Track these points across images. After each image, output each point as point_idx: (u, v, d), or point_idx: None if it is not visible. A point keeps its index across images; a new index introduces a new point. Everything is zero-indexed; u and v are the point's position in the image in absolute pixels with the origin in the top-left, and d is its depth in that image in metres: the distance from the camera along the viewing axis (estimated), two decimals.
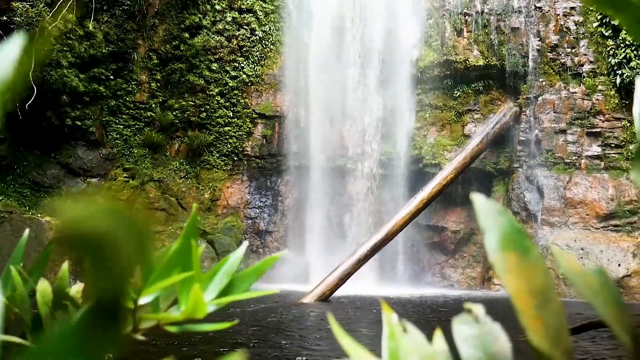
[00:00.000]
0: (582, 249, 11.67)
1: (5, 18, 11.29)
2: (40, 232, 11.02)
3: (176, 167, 14.66)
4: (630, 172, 12.00)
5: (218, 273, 0.60)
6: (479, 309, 0.50)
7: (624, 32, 12.10)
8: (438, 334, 0.54)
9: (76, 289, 0.69)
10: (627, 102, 12.38)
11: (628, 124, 12.41)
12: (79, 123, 13.50)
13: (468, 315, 0.50)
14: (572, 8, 12.96)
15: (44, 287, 0.69)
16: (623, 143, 12.42)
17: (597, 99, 12.60)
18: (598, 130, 12.60)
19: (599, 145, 12.58)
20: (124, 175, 13.94)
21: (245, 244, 0.72)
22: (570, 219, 12.27)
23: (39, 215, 11.53)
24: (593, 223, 12.15)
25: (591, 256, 11.50)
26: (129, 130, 14.37)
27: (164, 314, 0.54)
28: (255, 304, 9.01)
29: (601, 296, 0.48)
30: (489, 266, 13.25)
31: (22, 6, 11.11)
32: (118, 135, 14.28)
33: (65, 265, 0.72)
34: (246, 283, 0.61)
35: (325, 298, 10.11)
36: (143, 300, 0.53)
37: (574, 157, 12.68)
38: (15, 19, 11.14)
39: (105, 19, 13.77)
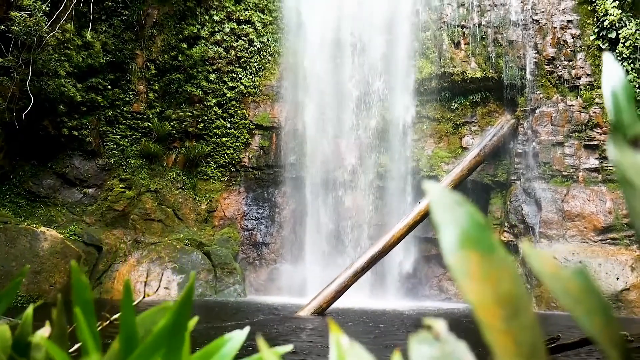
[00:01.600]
0: (580, 263, 11.61)
1: (3, 27, 11.28)
2: (35, 243, 10.93)
3: (173, 177, 14.59)
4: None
5: None
6: (440, 326, 0.42)
7: (620, 45, 12.15)
8: (397, 356, 0.46)
9: (41, 335, 0.62)
10: None
11: None
12: (75, 133, 13.45)
13: (428, 333, 0.42)
14: (569, 21, 13.01)
15: (2, 331, 0.60)
16: None
17: (595, 112, 12.60)
18: (595, 143, 12.59)
19: (596, 158, 12.57)
20: (121, 185, 13.86)
21: (246, 330, 0.64)
22: (568, 232, 12.23)
23: (34, 225, 11.44)
24: (591, 236, 12.10)
25: (589, 270, 11.43)
26: (126, 140, 14.32)
27: None
28: (251, 318, 8.93)
29: (584, 304, 0.40)
30: None
31: (21, 15, 11.10)
32: (115, 146, 14.22)
33: (29, 309, 0.64)
34: None
35: (321, 311, 10.02)
36: None
37: (571, 170, 12.66)
38: (13, 28, 11.12)
39: (104, 29, 13.78)
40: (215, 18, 14.78)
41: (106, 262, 12.84)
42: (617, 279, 11.22)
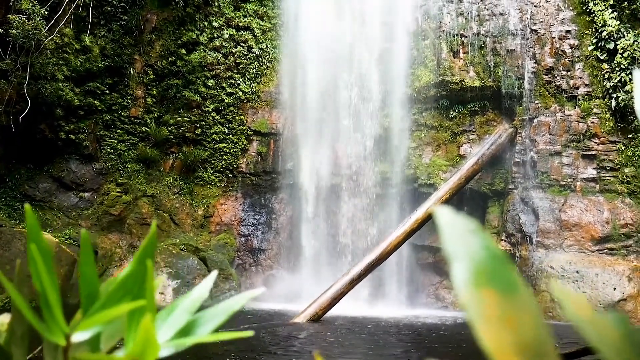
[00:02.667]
0: (577, 272, 11.58)
1: (1, 30, 11.26)
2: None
3: (170, 182, 14.55)
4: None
5: (177, 308, 0.50)
6: None
7: (619, 56, 12.17)
8: None
9: (1, 321, 0.59)
10: (622, 126, 12.40)
11: (623, 147, 12.42)
12: (72, 137, 13.41)
13: None
14: (567, 31, 13.04)
15: None
16: (618, 166, 12.42)
17: (592, 122, 12.62)
18: (593, 153, 12.59)
19: (594, 168, 12.57)
20: (117, 190, 13.81)
21: (214, 273, 0.62)
22: (566, 241, 12.20)
23: None
24: (588, 246, 12.08)
25: (586, 279, 11.40)
26: (123, 145, 14.28)
27: (102, 356, 0.45)
28: (245, 325, 8.87)
29: (624, 353, 0.35)
30: None
31: (19, 19, 11.08)
32: (112, 150, 14.18)
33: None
34: (212, 323, 0.51)
35: (317, 318, 9.97)
36: (78, 336, 0.43)
37: (569, 180, 12.66)
38: (11, 31, 11.10)
39: (102, 33, 13.77)
40: (215, 24, 14.79)
41: (101, 266, 12.76)
42: (614, 289, 11.18)
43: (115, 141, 14.22)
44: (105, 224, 13.49)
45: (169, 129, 14.55)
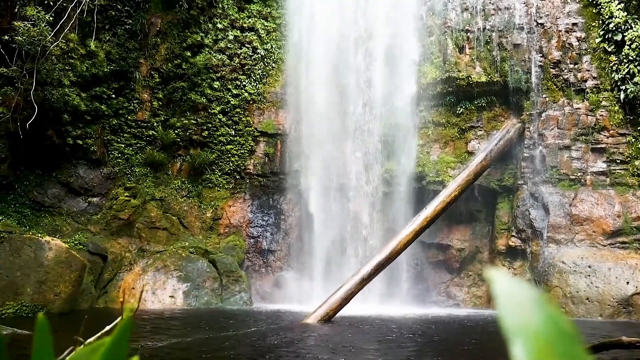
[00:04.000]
0: (589, 267, 11.47)
1: (7, 38, 11.29)
2: (40, 252, 10.88)
3: (178, 185, 14.56)
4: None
5: None
6: None
7: (626, 47, 12.05)
8: None
9: None
10: (631, 118, 12.28)
11: (633, 140, 12.29)
12: (80, 142, 13.44)
13: None
14: (574, 24, 12.92)
15: None
16: (628, 159, 12.29)
17: (601, 115, 12.50)
18: (603, 146, 12.48)
19: (604, 161, 12.45)
20: (125, 194, 13.83)
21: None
22: (577, 236, 12.09)
23: (39, 235, 11.39)
24: (600, 240, 11.97)
25: (599, 274, 11.30)
26: (131, 149, 14.30)
27: None
28: (255, 325, 8.84)
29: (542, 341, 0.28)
30: None
31: (24, 26, 11.11)
32: (119, 154, 14.20)
33: None
34: None
35: (328, 318, 9.93)
36: None
37: (579, 174, 12.54)
38: (17, 38, 11.13)
39: (107, 38, 13.79)
40: (219, 26, 14.78)
41: (111, 271, 12.78)
42: (627, 283, 11.07)
43: (123, 145, 14.24)
44: (115, 228, 13.51)
45: (176, 132, 14.56)
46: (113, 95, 14.00)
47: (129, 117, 14.29)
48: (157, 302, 12.19)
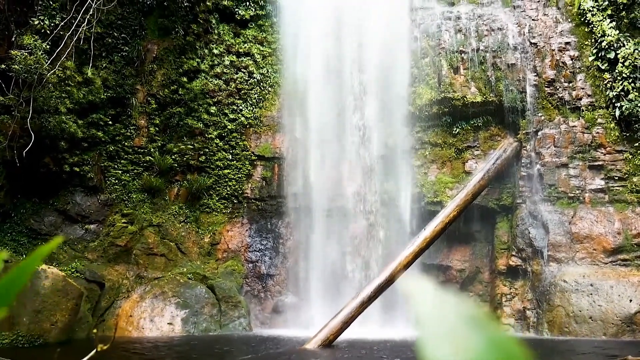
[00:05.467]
0: (591, 285, 11.37)
1: (4, 66, 11.35)
2: (36, 281, 10.77)
3: (175, 211, 14.49)
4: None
5: None
6: None
7: (620, 65, 12.13)
8: None
9: None
10: (627, 135, 12.30)
11: (630, 156, 12.30)
12: (77, 169, 13.41)
13: None
14: (567, 43, 13.04)
15: None
16: (626, 176, 12.28)
17: (597, 132, 12.53)
18: (600, 163, 12.47)
19: (602, 179, 12.44)
20: (123, 220, 13.75)
21: None
22: (578, 254, 12.01)
23: None
24: (601, 258, 11.88)
25: (601, 292, 11.19)
26: (128, 175, 14.27)
27: None
28: (254, 352, 8.71)
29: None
30: (496, 305, 12.91)
31: (21, 54, 11.17)
32: (116, 181, 14.17)
33: None
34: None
35: (329, 343, 9.79)
36: None
37: (577, 191, 12.52)
38: (14, 67, 11.18)
39: (104, 65, 13.87)
40: (215, 51, 14.88)
41: (109, 298, 12.64)
42: (630, 301, 10.96)
43: (120, 172, 14.21)
44: (112, 255, 13.40)
45: (173, 157, 14.55)
46: (110, 122, 14.02)
47: (126, 144, 14.29)
48: (155, 329, 12.03)
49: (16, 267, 0.45)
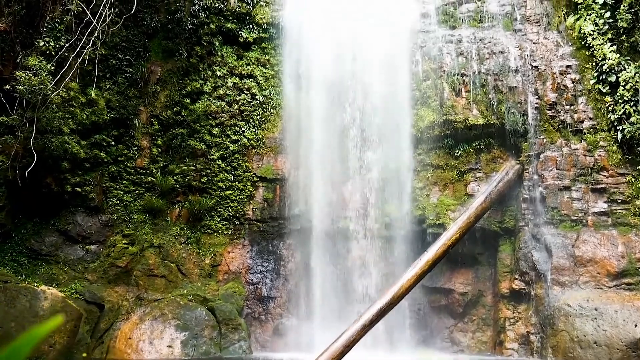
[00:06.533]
0: (595, 309, 11.23)
1: (8, 87, 11.42)
2: (35, 302, 10.69)
3: (176, 232, 14.44)
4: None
5: None
6: None
7: (621, 88, 12.17)
8: None
9: None
10: (630, 157, 12.28)
11: (633, 179, 12.26)
12: (79, 189, 13.42)
13: None
14: (568, 66, 13.10)
15: None
16: (629, 199, 12.23)
17: (600, 155, 12.51)
18: (603, 186, 12.43)
19: (604, 202, 12.38)
20: (123, 241, 13.70)
21: None
22: (581, 277, 11.90)
23: (35, 284, 11.22)
24: (605, 282, 11.77)
25: (605, 317, 11.05)
26: (129, 195, 14.27)
27: None
28: None
29: None
30: (499, 329, 12.76)
31: (26, 75, 11.25)
32: (118, 201, 14.16)
33: None
34: None
35: None
36: None
37: (580, 214, 12.45)
38: (18, 87, 11.26)
39: (108, 86, 13.96)
40: (218, 73, 14.99)
41: (108, 320, 12.52)
42: (636, 325, 10.81)
43: (121, 192, 14.21)
44: (112, 276, 13.32)
45: (175, 178, 14.56)
46: (112, 143, 14.07)
47: (128, 164, 14.32)
48: (154, 352, 11.89)
49: (11, 345, 0.43)
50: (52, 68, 11.77)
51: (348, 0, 14.47)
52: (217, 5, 14.93)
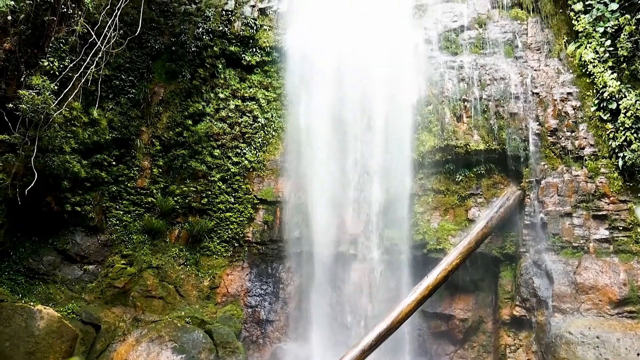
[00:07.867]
0: (597, 338, 11.10)
1: (11, 105, 11.47)
2: (31, 322, 10.58)
3: (175, 253, 14.36)
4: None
5: None
6: None
7: (622, 115, 12.22)
8: None
9: None
10: (631, 184, 12.27)
11: (634, 206, 12.23)
12: (78, 209, 13.38)
13: None
14: (568, 93, 13.19)
15: None
16: (631, 226, 12.18)
17: (601, 182, 12.50)
18: (604, 213, 12.39)
19: (606, 228, 12.33)
20: (122, 262, 13.61)
21: None
22: (583, 305, 11.78)
23: (31, 303, 11.13)
24: (607, 309, 11.65)
25: (607, 345, 10.92)
26: (129, 216, 14.23)
27: None
28: None
29: None
30: (500, 357, 12.58)
31: (29, 94, 11.31)
32: (118, 221, 14.11)
33: None
34: None
35: None
36: None
37: (581, 241, 12.39)
38: (21, 106, 11.31)
39: (110, 106, 14.04)
40: (221, 95, 15.09)
41: (104, 341, 12.37)
42: (638, 354, 10.68)
43: (121, 212, 14.17)
44: (109, 297, 13.20)
45: (175, 199, 14.54)
46: (113, 162, 14.09)
47: (129, 184, 14.31)
48: None
49: None
50: (56, 87, 11.84)
51: (351, 25, 14.62)
52: (221, 28, 15.10)
